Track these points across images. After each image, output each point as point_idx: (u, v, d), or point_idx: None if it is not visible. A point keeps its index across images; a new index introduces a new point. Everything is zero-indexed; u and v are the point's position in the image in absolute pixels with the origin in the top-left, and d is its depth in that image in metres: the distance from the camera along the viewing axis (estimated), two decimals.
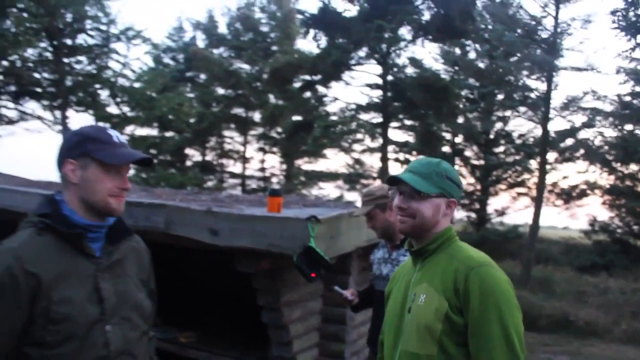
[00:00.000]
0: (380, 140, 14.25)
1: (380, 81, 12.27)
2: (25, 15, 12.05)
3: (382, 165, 13.60)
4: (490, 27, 10.24)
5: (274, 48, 22.30)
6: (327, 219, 3.19)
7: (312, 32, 11.61)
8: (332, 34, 11.27)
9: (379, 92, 12.60)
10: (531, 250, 10.66)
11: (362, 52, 11.82)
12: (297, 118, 15.59)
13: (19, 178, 7.02)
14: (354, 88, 14.09)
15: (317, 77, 12.17)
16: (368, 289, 3.12)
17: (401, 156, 20.25)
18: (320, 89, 13.13)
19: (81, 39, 13.83)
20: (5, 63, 13.92)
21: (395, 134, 19.76)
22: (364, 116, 13.92)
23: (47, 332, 1.53)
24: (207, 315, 5.68)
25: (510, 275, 5.92)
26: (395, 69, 12.67)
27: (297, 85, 13.12)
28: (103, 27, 13.52)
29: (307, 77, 12.35)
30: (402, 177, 1.81)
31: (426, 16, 11.26)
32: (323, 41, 11.73)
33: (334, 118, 13.66)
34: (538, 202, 11.22)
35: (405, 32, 11.68)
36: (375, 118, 13.69)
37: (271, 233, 3.20)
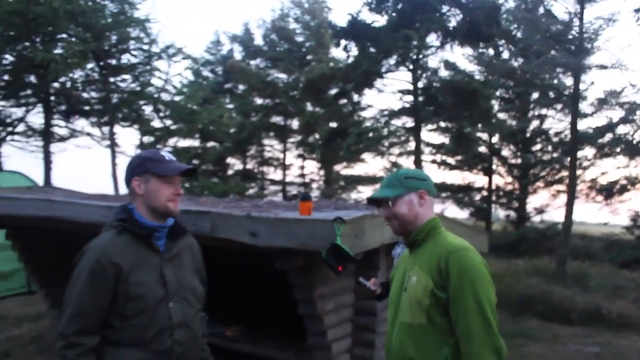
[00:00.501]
0: (413, 144, 14.58)
1: (411, 87, 12.63)
2: (74, 39, 12.80)
3: (417, 167, 13.90)
4: (515, 30, 10.43)
5: (309, 57, 22.83)
6: (351, 220, 3.62)
7: (342, 43, 12.07)
8: (362, 44, 11.69)
9: (410, 98, 12.96)
10: (565, 246, 10.81)
11: (392, 60, 12.22)
12: (333, 125, 16.06)
13: (76, 192, 7.58)
14: (387, 94, 14.47)
15: (350, 86, 12.61)
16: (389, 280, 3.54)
17: (438, 158, 20.53)
18: (355, 96, 13.53)
19: (125, 58, 14.58)
20: (56, 85, 14.77)
21: (431, 136, 20.01)
22: (396, 121, 14.30)
23: (126, 308, 2.02)
24: (249, 312, 6.16)
25: (545, 271, 6.38)
26: (425, 74, 12.97)
27: (332, 93, 13.57)
28: (145, 47, 14.24)
29: (341, 86, 12.81)
30: (374, 195, 2.29)
31: (453, 22, 11.58)
32: (354, 51, 12.16)
33: (368, 124, 14.05)
34: (570, 198, 11.35)
35: (433, 38, 12.03)
36: (408, 123, 14.03)
37: (303, 233, 3.64)
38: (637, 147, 18.45)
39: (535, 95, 18.63)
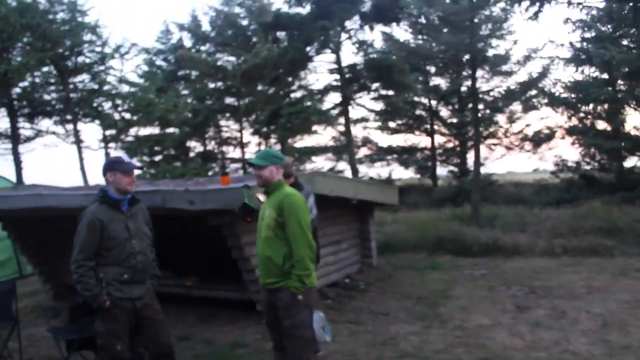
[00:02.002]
0: (361, 113, 16.21)
1: (336, 67, 14.34)
2: (30, 48, 14.04)
3: (349, 134, 15.62)
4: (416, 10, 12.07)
5: (255, 39, 24.12)
6: (253, 185, 5.27)
7: (270, 36, 13.66)
8: (288, 34, 13.26)
9: (337, 76, 14.68)
10: (476, 193, 12.68)
11: (314, 47, 13.84)
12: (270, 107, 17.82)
13: (54, 187, 9.02)
14: (321, 74, 16.21)
15: (280, 72, 14.24)
16: None
17: (379, 124, 22.43)
18: (287, 80, 15.12)
19: (81, 60, 15.81)
20: (17, 90, 15.98)
21: (371, 105, 21.73)
22: (329, 98, 16.06)
23: (108, 243, 3.66)
24: (202, 266, 7.80)
25: (464, 216, 8.44)
26: (350, 53, 14.49)
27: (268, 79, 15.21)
28: (98, 49, 15.54)
29: (272, 73, 14.42)
30: (251, 161, 3.93)
31: (366, 8, 13.19)
32: (283, 42, 13.76)
33: (307, 104, 15.66)
34: (477, 150, 13.23)
35: (352, 23, 13.66)
36: (337, 99, 15.77)
37: (224, 198, 5.29)
38: (558, 98, 20.47)
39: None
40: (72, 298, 5.84)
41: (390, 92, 17.12)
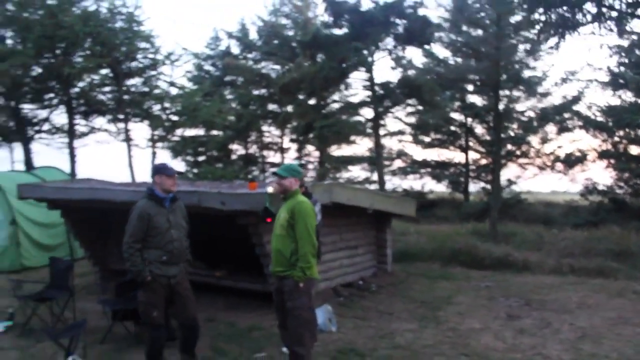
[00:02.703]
0: (397, 126, 17.11)
1: (368, 84, 15.24)
2: (88, 53, 15.34)
3: (380, 147, 16.43)
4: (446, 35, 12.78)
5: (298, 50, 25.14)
6: (273, 192, 6.16)
7: (308, 53, 14.63)
8: (325, 53, 14.21)
9: (369, 93, 15.61)
10: (494, 210, 13.31)
11: (349, 66, 14.77)
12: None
13: (106, 181, 10.12)
14: (355, 90, 17.20)
15: (316, 88, 15.24)
16: None
17: (412, 138, 23.18)
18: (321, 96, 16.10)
19: (134, 65, 17.09)
20: (76, 89, 17.34)
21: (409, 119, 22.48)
22: (364, 111, 17.02)
23: (152, 232, 4.63)
24: (230, 259, 8.73)
25: (483, 231, 9.29)
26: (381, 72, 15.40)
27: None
28: (151, 56, 16.80)
29: (308, 88, 15.38)
30: (277, 171, 4.81)
31: (400, 29, 14.03)
32: (319, 59, 14.73)
33: (341, 117, 16.58)
34: (496, 169, 13.84)
35: (384, 44, 14.55)
36: (368, 114, 16.69)
37: (251, 201, 6.21)
38: (593, 121, 20.84)
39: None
40: (117, 279, 6.87)
41: (420, 108, 17.95)
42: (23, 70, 14.67)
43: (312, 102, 17.52)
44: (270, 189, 5.18)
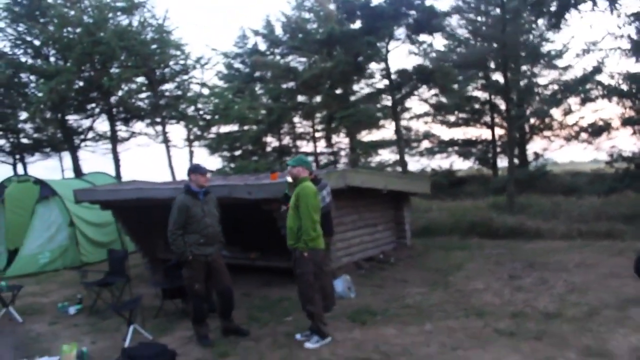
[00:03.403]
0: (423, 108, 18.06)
1: (384, 73, 16.12)
2: (127, 64, 16.63)
3: (397, 133, 17.33)
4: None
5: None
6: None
7: (325, 49, 15.59)
8: (341, 48, 15.14)
9: (387, 82, 16.52)
10: (510, 183, 14.02)
11: (363, 59, 15.67)
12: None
13: (149, 182, 11.32)
14: (374, 80, 18.29)
15: (335, 81, 16.23)
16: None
17: (439, 118, 23.87)
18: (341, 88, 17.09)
19: (167, 71, 18.35)
20: (115, 98, 18.69)
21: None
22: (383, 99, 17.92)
23: (190, 220, 5.73)
24: (262, 242, 9.79)
25: (501, 204, 10.23)
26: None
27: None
28: (182, 62, 18.03)
29: (328, 82, 16.39)
30: (288, 162, 5.84)
31: (410, 20, 14.83)
32: (336, 54, 15.68)
33: (359, 107, 17.55)
34: (511, 142, 14.47)
35: (398, 34, 15.42)
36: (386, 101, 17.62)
37: (272, 189, 7.23)
38: (615, 89, 21.12)
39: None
40: (164, 265, 8.02)
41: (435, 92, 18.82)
42: (67, 85, 16.00)
43: (333, 94, 18.54)
44: (289, 178, 6.18)
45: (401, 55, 43.14)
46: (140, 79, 18.55)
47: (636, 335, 5.35)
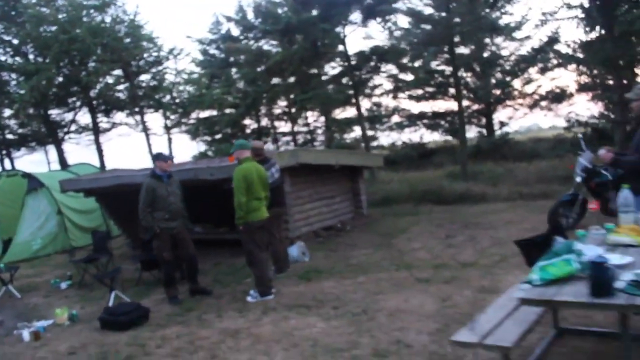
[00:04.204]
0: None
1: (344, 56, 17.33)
2: (100, 59, 17.60)
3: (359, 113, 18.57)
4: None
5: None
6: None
7: (284, 38, 16.76)
8: (300, 35, 16.28)
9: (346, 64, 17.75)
10: (463, 152, 15.24)
11: (321, 45, 16.86)
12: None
13: (127, 170, 12.36)
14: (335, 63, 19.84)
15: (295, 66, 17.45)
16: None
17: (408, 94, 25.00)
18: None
19: (142, 63, 19.31)
20: (95, 90, 19.63)
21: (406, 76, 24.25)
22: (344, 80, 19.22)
23: (156, 199, 6.90)
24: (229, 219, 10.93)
25: (456, 172, 11.56)
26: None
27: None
28: (155, 54, 19.01)
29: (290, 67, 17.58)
30: (232, 151, 6.99)
31: (362, 6, 16.01)
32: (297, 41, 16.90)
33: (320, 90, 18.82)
34: (460, 113, 15.67)
35: (354, 18, 16.64)
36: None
37: (230, 170, 8.36)
38: (571, 57, 22.27)
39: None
40: (142, 241, 9.17)
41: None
42: (48, 82, 16.93)
43: (297, 78, 19.76)
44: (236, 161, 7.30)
45: (360, 37, 44.15)
46: (117, 72, 19.51)
47: (525, 275, 6.58)
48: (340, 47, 17.83)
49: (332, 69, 21.57)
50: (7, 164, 22.92)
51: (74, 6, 17.31)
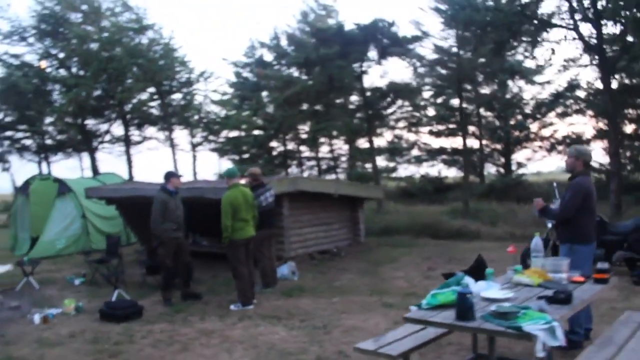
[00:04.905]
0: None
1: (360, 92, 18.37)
2: (135, 78, 18.95)
3: (370, 145, 19.44)
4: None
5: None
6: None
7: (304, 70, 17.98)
8: (320, 69, 17.39)
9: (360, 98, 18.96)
10: (466, 191, 15.96)
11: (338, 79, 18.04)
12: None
13: (144, 182, 13.45)
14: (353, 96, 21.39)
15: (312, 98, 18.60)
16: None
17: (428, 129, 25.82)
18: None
19: (174, 83, 20.66)
20: (129, 105, 21.01)
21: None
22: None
23: (167, 212, 7.92)
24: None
25: (455, 209, 12.55)
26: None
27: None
28: (186, 75, 20.34)
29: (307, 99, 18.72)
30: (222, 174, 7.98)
31: (379, 47, 17.03)
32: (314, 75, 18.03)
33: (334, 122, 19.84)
34: (465, 155, 16.43)
35: (372, 55, 17.67)
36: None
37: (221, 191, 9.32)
38: (589, 104, 22.81)
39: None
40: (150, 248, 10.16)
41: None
42: (86, 95, 18.35)
43: (312, 109, 20.93)
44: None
45: (381, 72, 45.59)
46: (151, 89, 20.89)
47: None
48: (357, 82, 18.88)
49: (350, 102, 22.63)
50: (44, 167, 24.50)
51: (116, 27, 18.78)
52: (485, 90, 25.59)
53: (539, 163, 26.58)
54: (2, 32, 20.06)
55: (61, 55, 20.47)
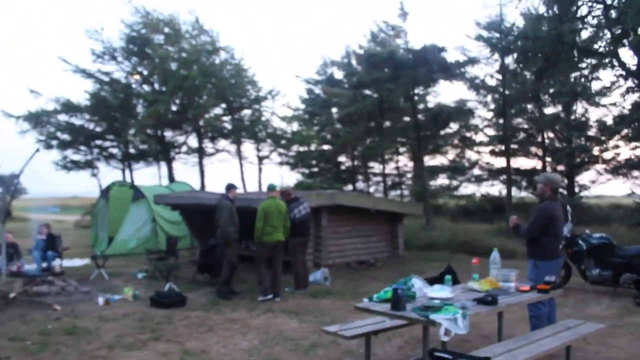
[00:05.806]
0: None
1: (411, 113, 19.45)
2: (208, 95, 20.70)
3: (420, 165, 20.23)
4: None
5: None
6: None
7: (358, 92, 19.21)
8: (374, 89, 18.62)
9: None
10: (509, 212, 16.49)
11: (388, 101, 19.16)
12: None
13: (205, 192, 15.01)
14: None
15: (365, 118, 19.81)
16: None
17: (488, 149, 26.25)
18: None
19: (244, 101, 22.39)
20: (202, 121, 22.90)
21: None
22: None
23: (231, 218, 9.42)
24: None
25: (500, 228, 13.64)
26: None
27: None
28: (255, 94, 22.02)
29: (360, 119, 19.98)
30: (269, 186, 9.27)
31: (429, 70, 17.98)
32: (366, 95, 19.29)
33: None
34: (509, 177, 16.92)
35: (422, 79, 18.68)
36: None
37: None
38: None
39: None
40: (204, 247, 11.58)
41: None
42: (165, 109, 20.37)
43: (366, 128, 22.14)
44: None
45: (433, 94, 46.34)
46: (224, 105, 22.74)
47: None
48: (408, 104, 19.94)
49: (401, 122, 23.64)
50: (127, 174, 26.95)
51: (193, 47, 20.71)
52: (551, 110, 25.80)
53: (602, 186, 26.21)
54: (96, 52, 22.54)
55: (145, 72, 22.69)
